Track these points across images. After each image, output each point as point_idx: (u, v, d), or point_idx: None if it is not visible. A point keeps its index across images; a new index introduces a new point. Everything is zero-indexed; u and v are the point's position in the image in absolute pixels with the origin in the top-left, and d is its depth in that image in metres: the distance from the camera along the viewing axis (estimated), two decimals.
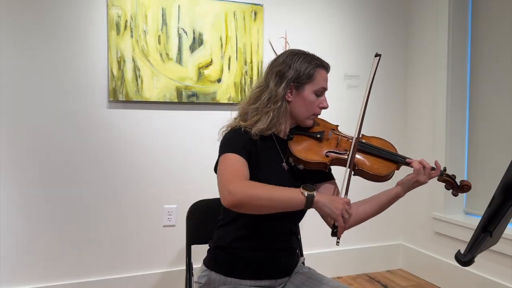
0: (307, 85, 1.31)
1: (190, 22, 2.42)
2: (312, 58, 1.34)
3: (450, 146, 2.63)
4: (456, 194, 1.38)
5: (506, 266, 2.27)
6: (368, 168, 1.32)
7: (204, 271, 1.35)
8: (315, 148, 1.33)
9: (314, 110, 1.34)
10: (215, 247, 1.36)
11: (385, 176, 1.32)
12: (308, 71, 1.30)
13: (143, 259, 2.42)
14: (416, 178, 1.30)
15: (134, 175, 2.39)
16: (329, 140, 1.36)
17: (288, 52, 1.35)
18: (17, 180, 2.19)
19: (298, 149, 1.31)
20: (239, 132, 1.29)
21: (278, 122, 1.30)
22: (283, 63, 1.31)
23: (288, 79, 1.29)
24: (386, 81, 2.96)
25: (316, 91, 1.32)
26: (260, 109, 1.29)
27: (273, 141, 1.33)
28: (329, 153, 1.32)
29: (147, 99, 2.35)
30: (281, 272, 1.34)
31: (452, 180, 1.36)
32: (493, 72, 2.49)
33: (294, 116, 1.34)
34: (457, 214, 2.66)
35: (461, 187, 1.36)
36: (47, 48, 2.20)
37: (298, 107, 1.32)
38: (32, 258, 2.22)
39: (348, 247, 2.90)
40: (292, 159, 1.31)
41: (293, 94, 1.31)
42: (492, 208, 0.84)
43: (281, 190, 1.14)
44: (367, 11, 2.88)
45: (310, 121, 1.36)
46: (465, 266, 0.89)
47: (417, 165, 1.30)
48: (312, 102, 1.32)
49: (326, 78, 1.36)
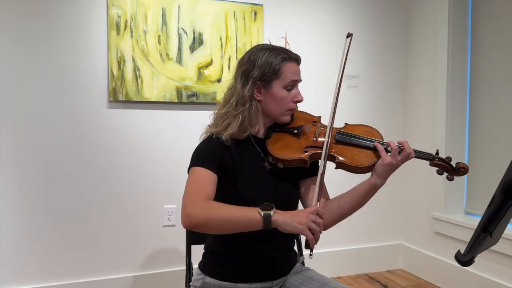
0: (275, 81, 1.25)
1: (190, 22, 2.42)
2: (279, 51, 1.26)
3: (450, 146, 2.63)
4: (452, 178, 1.27)
5: (506, 266, 2.27)
6: (348, 160, 1.24)
7: (199, 274, 1.35)
8: (293, 144, 1.28)
9: (287, 105, 1.28)
10: (209, 252, 1.36)
11: (368, 167, 1.23)
12: (273, 67, 1.24)
13: (143, 259, 2.42)
14: (386, 161, 1.20)
15: (134, 175, 2.39)
16: (307, 134, 1.30)
17: (253, 49, 1.29)
18: (17, 180, 2.19)
19: (276, 147, 1.27)
20: (210, 141, 1.26)
21: (250, 123, 1.25)
22: (248, 61, 1.26)
23: (253, 78, 1.24)
24: (386, 81, 2.96)
25: (286, 85, 1.26)
26: (230, 113, 1.25)
27: (251, 143, 1.29)
28: (308, 148, 1.27)
29: (147, 99, 2.35)
30: (276, 273, 1.33)
31: (445, 164, 1.26)
32: (493, 72, 2.49)
33: (268, 114, 1.29)
34: (457, 214, 2.66)
35: (457, 170, 1.25)
36: (47, 48, 2.20)
37: (269, 105, 1.27)
38: (32, 258, 2.22)
39: (348, 247, 2.90)
40: (271, 158, 1.27)
41: (262, 93, 1.26)
42: (492, 208, 0.84)
43: (239, 211, 1.09)
44: (367, 11, 2.88)
45: (286, 117, 1.30)
46: (465, 266, 0.89)
47: (380, 147, 1.21)
48: (284, 98, 1.26)
49: (296, 70, 1.28)
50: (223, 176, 1.25)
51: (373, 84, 2.93)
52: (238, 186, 1.25)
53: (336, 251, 2.85)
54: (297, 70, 1.29)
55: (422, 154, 1.26)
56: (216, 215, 1.09)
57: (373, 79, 2.93)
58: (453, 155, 2.61)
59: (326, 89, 2.77)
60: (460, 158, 2.65)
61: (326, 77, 2.78)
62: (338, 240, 2.88)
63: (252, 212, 1.07)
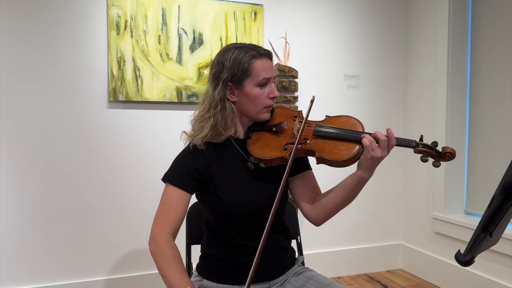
0: (246, 80, 1.21)
1: (190, 22, 2.42)
2: (248, 49, 1.22)
3: (450, 145, 2.62)
4: (438, 165, 1.19)
5: (506, 266, 2.27)
6: (327, 154, 1.19)
7: (196, 276, 1.35)
8: (272, 142, 1.24)
9: (263, 103, 1.24)
10: (204, 254, 1.36)
11: (349, 160, 1.18)
12: (242, 66, 1.20)
13: (143, 259, 2.42)
14: (370, 155, 1.14)
15: (134, 175, 2.39)
16: (285, 131, 1.26)
17: (222, 50, 1.26)
18: (17, 180, 2.19)
19: (256, 147, 1.24)
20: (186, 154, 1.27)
21: (225, 126, 1.23)
22: (218, 63, 1.24)
23: (223, 80, 1.21)
24: (386, 81, 2.96)
25: (258, 83, 1.21)
26: (203, 117, 1.24)
27: (232, 145, 1.28)
28: (288, 145, 1.22)
29: (147, 99, 2.35)
30: (273, 274, 1.32)
31: (430, 150, 1.18)
32: (493, 71, 2.49)
33: (245, 114, 1.27)
34: (457, 214, 2.66)
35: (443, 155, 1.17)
36: (47, 48, 2.20)
37: (244, 105, 1.24)
38: (32, 258, 2.22)
39: (348, 247, 2.90)
40: (252, 158, 1.25)
41: (235, 94, 1.23)
42: (492, 208, 0.84)
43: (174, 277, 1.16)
44: (367, 11, 2.88)
45: (264, 114, 1.26)
46: (465, 266, 0.89)
47: (366, 141, 1.14)
48: (258, 96, 1.22)
49: (267, 66, 1.23)
50: (202, 185, 1.26)
51: (373, 84, 2.93)
52: (219, 193, 1.24)
53: (336, 251, 2.85)
54: (268, 65, 1.24)
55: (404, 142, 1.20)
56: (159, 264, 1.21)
57: (373, 79, 2.93)
58: None
59: (326, 89, 2.77)
60: (460, 157, 2.65)
61: (326, 77, 2.78)
62: (338, 240, 2.88)
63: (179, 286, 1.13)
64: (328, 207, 1.25)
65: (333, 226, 2.86)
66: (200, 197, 1.31)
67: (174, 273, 1.16)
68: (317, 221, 1.30)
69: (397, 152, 2.99)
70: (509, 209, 0.85)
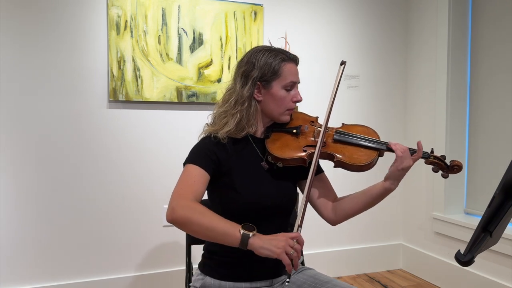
0: (274, 81, 1.27)
1: (190, 22, 2.42)
2: (278, 52, 1.28)
3: (450, 146, 2.63)
4: (446, 176, 1.31)
5: (506, 266, 2.27)
6: (347, 158, 1.27)
7: (199, 275, 1.35)
8: (292, 143, 1.30)
9: (287, 105, 1.29)
10: (208, 251, 1.35)
11: (367, 165, 1.27)
12: (273, 67, 1.26)
13: (143, 259, 2.42)
14: (400, 167, 1.24)
15: (134, 175, 2.39)
16: (306, 134, 1.32)
17: (252, 50, 1.31)
18: (17, 180, 2.19)
19: (275, 147, 1.28)
20: (207, 140, 1.28)
21: (248, 123, 1.27)
22: (248, 63, 1.28)
23: (253, 78, 1.26)
24: (386, 81, 2.96)
25: (285, 86, 1.27)
26: (228, 112, 1.27)
27: (249, 142, 1.31)
28: (307, 147, 1.28)
29: (147, 99, 2.35)
30: (277, 272, 1.33)
31: (440, 162, 1.29)
32: (493, 71, 2.49)
33: (268, 114, 1.31)
34: (457, 214, 2.66)
35: (451, 168, 1.29)
36: (47, 48, 2.20)
37: (269, 105, 1.29)
38: (31, 258, 2.22)
39: (348, 247, 2.90)
40: (270, 157, 1.29)
41: (262, 93, 1.28)
42: (492, 208, 0.84)
43: (220, 223, 1.08)
44: (367, 11, 2.88)
45: (285, 116, 1.32)
46: (465, 266, 0.89)
47: (400, 153, 1.23)
48: (283, 97, 1.28)
49: (295, 71, 1.30)
50: (219, 174, 1.26)
51: (373, 84, 2.93)
52: (236, 186, 1.26)
53: (336, 251, 2.85)
54: (296, 71, 1.31)
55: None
56: (199, 220, 1.08)
57: (373, 79, 2.93)
58: (453, 155, 2.63)
59: (326, 89, 2.77)
60: (461, 157, 2.65)
61: (326, 77, 2.78)
62: (338, 240, 2.88)
63: (233, 228, 1.07)
64: (350, 211, 1.33)
65: (333, 226, 2.86)
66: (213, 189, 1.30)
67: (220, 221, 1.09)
68: (335, 222, 1.38)
69: None
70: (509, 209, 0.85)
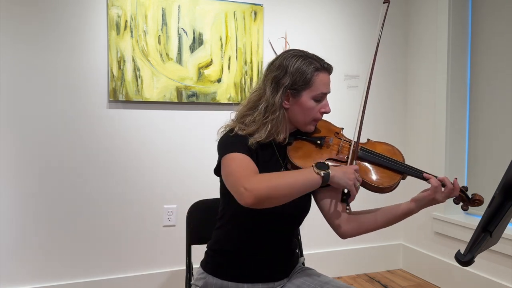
0: (305, 91, 1.22)
1: (190, 22, 2.42)
2: (311, 60, 1.24)
3: (450, 146, 2.63)
4: (466, 209, 1.27)
5: (506, 266, 2.27)
6: (369, 179, 1.24)
7: (201, 273, 1.33)
8: (314, 155, 1.26)
9: (314, 116, 1.26)
10: (212, 250, 1.35)
11: (388, 188, 1.25)
12: (305, 77, 1.21)
13: (143, 259, 2.42)
14: (433, 196, 1.21)
15: (134, 175, 2.39)
16: (330, 146, 1.28)
17: (285, 54, 1.26)
18: (17, 180, 2.19)
19: (297, 155, 1.25)
20: (239, 135, 1.24)
21: (276, 131, 1.23)
22: (279, 67, 1.23)
23: (284, 86, 1.21)
24: (386, 82, 2.96)
25: (315, 97, 1.23)
26: (257, 119, 1.23)
27: (272, 147, 1.28)
28: (329, 160, 1.25)
29: (147, 99, 2.35)
30: (279, 274, 1.33)
31: (462, 194, 1.26)
32: (493, 72, 2.49)
33: (293, 122, 1.28)
34: (457, 214, 2.66)
35: (473, 201, 1.25)
36: (46, 48, 2.20)
37: (296, 114, 1.25)
38: (32, 258, 2.22)
39: (348, 247, 2.90)
40: (290, 165, 1.26)
41: (290, 102, 1.24)
42: (492, 208, 0.84)
43: (296, 175, 1.11)
44: (367, 11, 2.88)
45: (311, 126, 1.29)
46: (465, 266, 0.89)
47: (435, 182, 1.21)
48: (311, 108, 1.24)
49: (327, 81, 1.27)
50: None
51: (373, 83, 2.91)
52: None
53: (336, 251, 2.85)
54: (328, 81, 1.27)
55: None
56: (278, 183, 1.08)
57: (373, 79, 2.91)
58: (453, 156, 2.63)
59: None
60: (461, 158, 2.65)
61: None
62: (338, 240, 2.86)
63: (310, 173, 1.10)
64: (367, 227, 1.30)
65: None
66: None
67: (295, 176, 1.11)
68: (347, 235, 1.32)
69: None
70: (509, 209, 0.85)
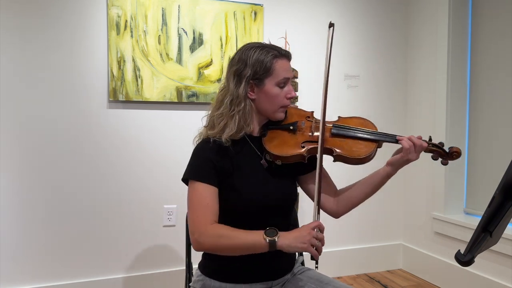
0: (267, 79, 1.25)
1: (190, 22, 2.42)
2: (269, 49, 1.26)
3: (450, 145, 2.63)
4: (446, 163, 1.32)
5: (506, 266, 2.27)
6: (346, 152, 1.26)
7: (199, 275, 1.34)
8: (289, 141, 1.28)
9: (281, 102, 1.28)
10: (208, 253, 1.34)
11: (366, 158, 1.27)
12: (265, 65, 1.23)
13: (143, 259, 2.42)
14: (406, 157, 1.24)
15: (134, 175, 2.39)
16: (303, 129, 1.31)
17: (243, 48, 1.29)
18: (17, 180, 2.19)
19: (272, 145, 1.27)
20: (207, 148, 1.26)
21: (245, 122, 1.25)
22: (239, 61, 1.26)
23: (246, 77, 1.24)
24: (386, 81, 2.96)
25: (278, 83, 1.26)
26: (225, 114, 1.25)
27: (247, 142, 1.30)
28: (305, 143, 1.28)
29: (147, 99, 2.35)
30: (276, 273, 1.32)
31: (439, 149, 1.30)
32: (493, 71, 2.49)
33: (262, 112, 1.30)
34: (457, 214, 2.66)
35: (450, 154, 1.30)
36: (47, 48, 2.20)
37: (263, 103, 1.27)
38: (32, 258, 2.22)
39: (348, 247, 2.90)
40: (268, 155, 1.28)
41: (255, 91, 1.26)
42: (492, 208, 0.84)
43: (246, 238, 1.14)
44: (367, 11, 2.88)
45: (280, 114, 1.30)
46: (465, 266, 0.89)
47: (407, 144, 1.23)
48: (277, 95, 1.26)
49: (287, 67, 1.28)
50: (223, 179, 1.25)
51: (373, 83, 2.93)
52: (237, 186, 1.25)
53: (336, 251, 2.85)
54: (288, 66, 1.29)
55: None
56: (225, 244, 1.16)
57: (373, 79, 2.93)
58: None
59: None
60: (460, 158, 2.64)
61: None
62: (338, 240, 2.88)
63: (258, 238, 1.13)
64: (354, 201, 1.33)
65: (333, 226, 2.85)
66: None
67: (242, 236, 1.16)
68: (339, 213, 1.37)
69: None
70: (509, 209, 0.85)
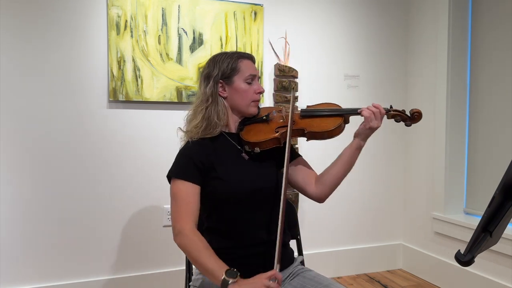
0: (235, 76, 1.38)
1: (190, 22, 2.42)
2: (233, 53, 1.43)
3: (450, 146, 2.63)
4: (409, 124, 1.43)
5: (506, 266, 2.27)
6: (315, 128, 1.38)
7: (198, 274, 1.38)
8: (264, 129, 1.40)
9: (251, 97, 1.40)
10: None
11: (335, 129, 1.37)
12: (231, 65, 1.38)
13: (143, 259, 2.42)
14: (368, 125, 1.35)
15: (134, 175, 2.39)
16: (275, 118, 1.44)
17: (212, 56, 1.45)
18: (17, 180, 2.19)
19: (249, 135, 1.38)
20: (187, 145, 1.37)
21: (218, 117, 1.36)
22: (208, 66, 1.42)
23: (214, 77, 1.38)
24: (386, 82, 2.96)
25: (246, 79, 1.39)
26: (195, 109, 1.39)
27: (226, 138, 1.40)
28: (279, 128, 1.39)
29: (147, 99, 2.35)
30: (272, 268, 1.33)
31: (400, 113, 1.41)
32: (493, 72, 2.49)
33: (236, 108, 1.41)
34: (457, 214, 2.66)
35: (412, 116, 1.40)
36: (47, 48, 2.20)
37: (235, 99, 1.39)
38: (32, 258, 2.22)
39: (348, 247, 2.90)
40: (247, 146, 1.38)
41: (226, 90, 1.39)
42: (492, 208, 0.84)
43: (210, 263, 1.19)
44: (367, 11, 2.88)
45: (252, 108, 1.42)
46: (465, 266, 0.89)
47: (367, 113, 1.34)
48: (246, 90, 1.39)
49: (252, 66, 1.43)
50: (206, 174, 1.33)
51: (373, 84, 2.93)
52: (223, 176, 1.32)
53: (336, 251, 2.85)
54: (253, 66, 1.43)
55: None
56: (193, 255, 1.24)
57: (373, 79, 2.93)
58: (453, 155, 2.63)
59: (326, 89, 2.77)
60: (461, 158, 2.65)
61: (326, 76, 2.78)
62: (338, 240, 2.88)
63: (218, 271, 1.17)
64: (332, 180, 1.40)
65: (333, 226, 2.86)
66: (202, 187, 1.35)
67: (208, 259, 1.21)
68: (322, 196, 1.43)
69: (397, 152, 2.99)
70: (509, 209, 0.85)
